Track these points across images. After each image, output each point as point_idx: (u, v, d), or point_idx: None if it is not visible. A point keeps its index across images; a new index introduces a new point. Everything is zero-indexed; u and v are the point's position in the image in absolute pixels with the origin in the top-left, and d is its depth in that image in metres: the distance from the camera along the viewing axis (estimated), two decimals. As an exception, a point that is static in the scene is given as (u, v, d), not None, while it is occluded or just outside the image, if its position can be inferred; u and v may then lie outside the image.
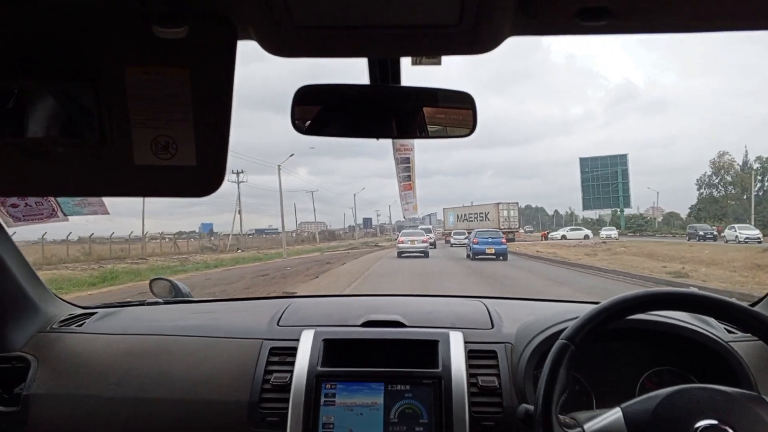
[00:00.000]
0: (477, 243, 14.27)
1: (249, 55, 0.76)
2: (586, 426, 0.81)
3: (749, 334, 0.73)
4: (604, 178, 43.36)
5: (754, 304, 1.21)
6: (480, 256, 13.79)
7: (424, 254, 14.93)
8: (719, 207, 35.40)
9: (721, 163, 39.22)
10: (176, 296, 1.72)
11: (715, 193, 37.91)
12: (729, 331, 1.03)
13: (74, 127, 0.71)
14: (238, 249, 18.58)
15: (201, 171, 0.72)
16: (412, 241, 15.53)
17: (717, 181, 39.30)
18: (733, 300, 0.79)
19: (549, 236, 31.38)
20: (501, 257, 13.92)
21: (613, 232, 26.60)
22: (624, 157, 42.71)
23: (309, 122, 0.90)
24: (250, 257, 15.15)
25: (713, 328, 1.07)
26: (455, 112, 0.97)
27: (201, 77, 0.68)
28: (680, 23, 0.61)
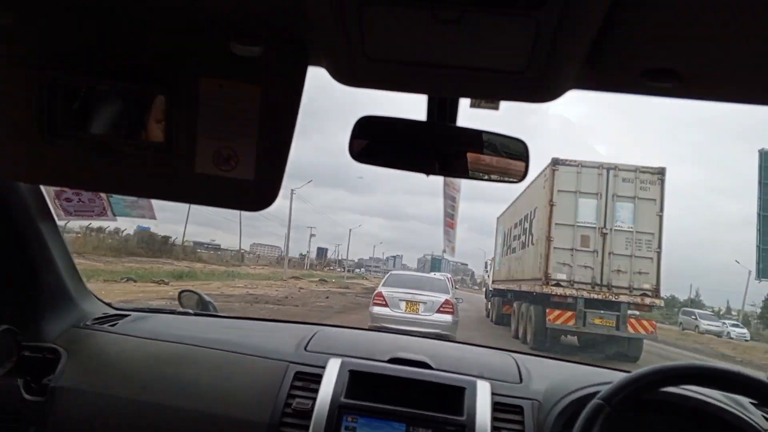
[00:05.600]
0: None
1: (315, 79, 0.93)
2: None
3: None
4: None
5: None
6: None
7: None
8: None
9: None
10: (203, 309, 1.90)
11: None
12: (767, 419, 1.15)
13: (143, 129, 0.77)
14: None
15: (257, 186, 0.78)
16: (412, 306, 9.02)
17: None
18: (746, 371, 0.89)
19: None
20: None
21: None
22: None
23: (365, 151, 1.03)
24: None
25: (750, 413, 1.16)
26: (508, 157, 1.04)
27: (270, 96, 0.75)
28: (750, 95, 0.69)
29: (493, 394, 1.24)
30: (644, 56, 0.64)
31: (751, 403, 1.16)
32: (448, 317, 9.12)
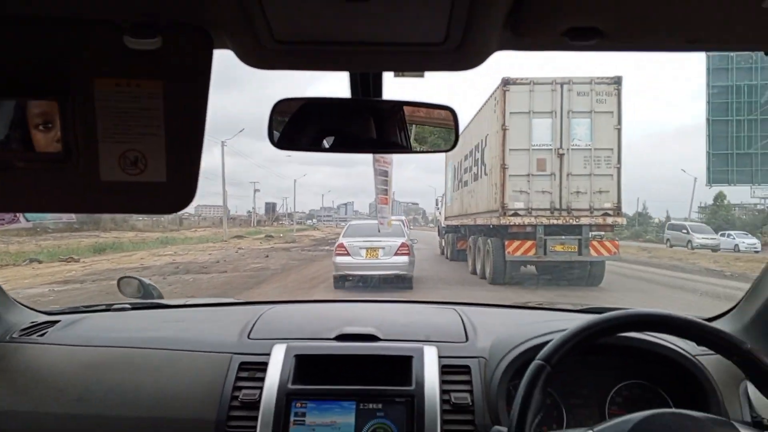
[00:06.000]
0: None
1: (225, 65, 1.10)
2: None
3: None
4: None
5: (713, 319, 1.46)
6: None
7: (401, 280, 10.34)
8: None
9: None
10: (145, 296, 1.85)
11: None
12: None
13: (37, 140, 0.72)
14: None
15: (171, 187, 0.73)
16: (372, 252, 10.01)
17: None
18: (692, 318, 0.97)
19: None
20: None
21: None
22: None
23: (287, 137, 0.98)
24: None
25: (685, 341, 1.29)
26: (437, 126, 1.02)
27: (175, 90, 0.70)
28: (670, 43, 0.70)
29: (440, 357, 1.28)
30: (565, 16, 0.63)
31: None
32: (404, 258, 10.16)
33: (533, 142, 10.82)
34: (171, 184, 0.71)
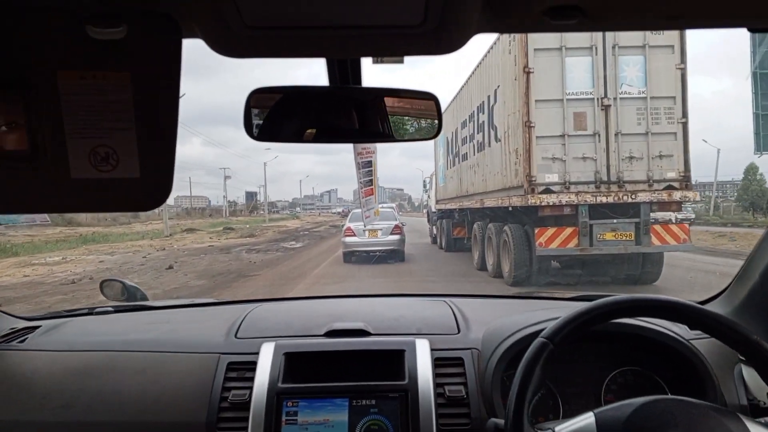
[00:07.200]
0: None
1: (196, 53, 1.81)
2: (557, 428, 0.92)
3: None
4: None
5: (705, 302, 1.49)
6: None
7: (395, 254, 14.14)
8: None
9: None
10: (128, 299, 1.88)
11: None
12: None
13: (1, 139, 0.72)
14: None
15: (146, 183, 0.74)
16: (373, 233, 13.53)
17: None
18: (684, 301, 0.99)
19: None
20: None
21: None
22: None
23: (264, 128, 1.00)
24: None
25: (677, 326, 1.33)
26: (419, 114, 1.05)
27: (143, 81, 0.71)
28: (651, 20, 0.71)
29: (432, 350, 1.29)
30: None
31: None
32: (398, 236, 13.43)
33: (568, 89, 8.10)
34: (145, 180, 0.71)
